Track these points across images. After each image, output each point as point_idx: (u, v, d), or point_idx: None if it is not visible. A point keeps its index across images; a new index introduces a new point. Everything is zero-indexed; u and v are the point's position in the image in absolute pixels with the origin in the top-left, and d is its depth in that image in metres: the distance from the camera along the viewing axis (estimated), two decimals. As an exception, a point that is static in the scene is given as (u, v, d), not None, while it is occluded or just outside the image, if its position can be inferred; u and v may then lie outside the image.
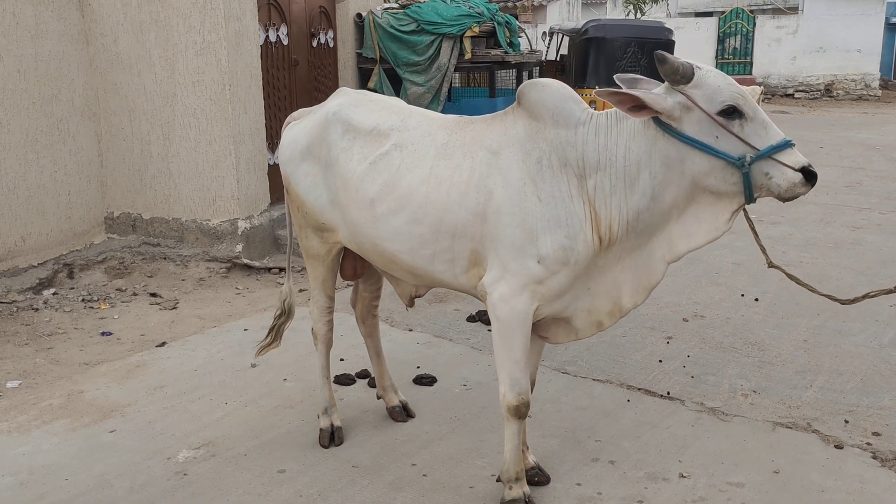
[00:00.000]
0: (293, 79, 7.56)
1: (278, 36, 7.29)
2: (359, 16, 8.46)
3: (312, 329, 3.80)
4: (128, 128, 6.75)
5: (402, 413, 3.97)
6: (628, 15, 30.78)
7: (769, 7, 28.76)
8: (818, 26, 24.18)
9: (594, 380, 4.42)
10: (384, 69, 8.51)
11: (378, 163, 3.18)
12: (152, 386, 4.41)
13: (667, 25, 12.09)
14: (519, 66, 9.29)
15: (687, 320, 5.37)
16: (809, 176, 2.67)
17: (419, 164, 3.10)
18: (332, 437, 3.73)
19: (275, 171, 5.98)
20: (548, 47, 13.66)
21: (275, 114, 7.17)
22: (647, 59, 10.80)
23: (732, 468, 3.49)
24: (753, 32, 24.08)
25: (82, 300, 5.92)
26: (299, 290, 5.78)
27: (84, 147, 6.68)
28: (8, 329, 5.32)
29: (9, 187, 5.99)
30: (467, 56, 8.44)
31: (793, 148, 2.70)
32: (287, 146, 3.54)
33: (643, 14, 30.63)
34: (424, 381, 4.39)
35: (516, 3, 24.02)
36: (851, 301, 3.12)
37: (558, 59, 13.03)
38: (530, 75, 9.67)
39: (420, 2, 8.58)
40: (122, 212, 6.92)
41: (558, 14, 26.13)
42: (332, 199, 3.38)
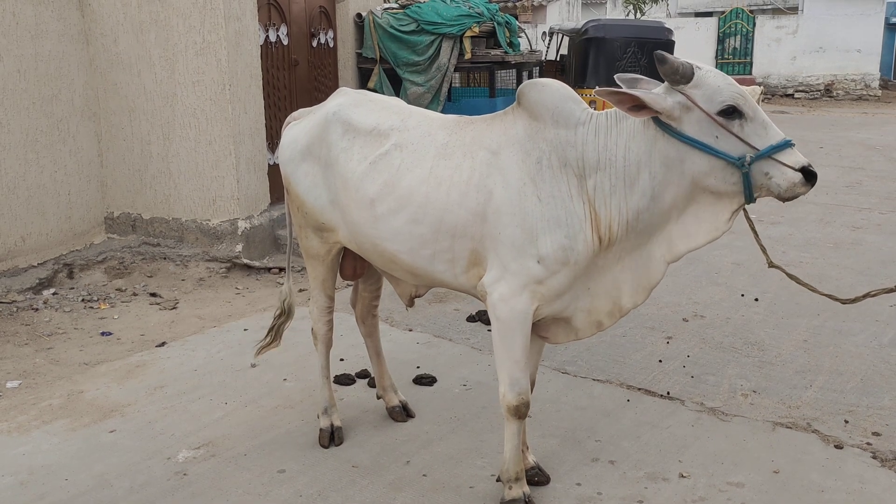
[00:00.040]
0: (293, 79, 7.56)
1: (278, 36, 7.29)
2: (359, 16, 8.45)
3: (312, 329, 3.80)
4: (128, 128, 6.76)
5: (402, 413, 3.97)
6: (628, 15, 30.79)
7: (769, 7, 28.76)
8: (818, 26, 24.18)
9: (594, 380, 4.42)
10: (384, 69, 8.51)
11: (378, 163, 3.18)
12: (152, 386, 4.41)
13: (667, 25, 12.07)
14: (519, 67, 9.29)
15: (687, 320, 5.37)
16: (809, 176, 2.67)
17: (419, 164, 3.10)
18: (331, 437, 3.73)
19: (275, 171, 5.98)
20: (548, 47, 13.65)
21: (275, 114, 7.17)
22: (647, 59, 10.79)
23: (732, 468, 3.49)
24: (753, 32, 24.08)
25: (82, 300, 5.92)
26: (299, 290, 5.79)
27: (84, 147, 6.68)
28: (8, 329, 5.32)
29: (9, 187, 5.99)
30: (467, 56, 8.44)
31: (793, 148, 2.70)
32: (287, 146, 3.54)
33: (643, 14, 30.64)
34: (424, 381, 4.39)
35: (516, 3, 24.02)
36: (852, 300, 3.11)
37: (558, 59, 13.02)
38: (530, 75, 9.67)
39: (420, 2, 8.57)
40: (122, 212, 6.92)
41: (558, 14, 26.13)
42: (332, 199, 3.38)
